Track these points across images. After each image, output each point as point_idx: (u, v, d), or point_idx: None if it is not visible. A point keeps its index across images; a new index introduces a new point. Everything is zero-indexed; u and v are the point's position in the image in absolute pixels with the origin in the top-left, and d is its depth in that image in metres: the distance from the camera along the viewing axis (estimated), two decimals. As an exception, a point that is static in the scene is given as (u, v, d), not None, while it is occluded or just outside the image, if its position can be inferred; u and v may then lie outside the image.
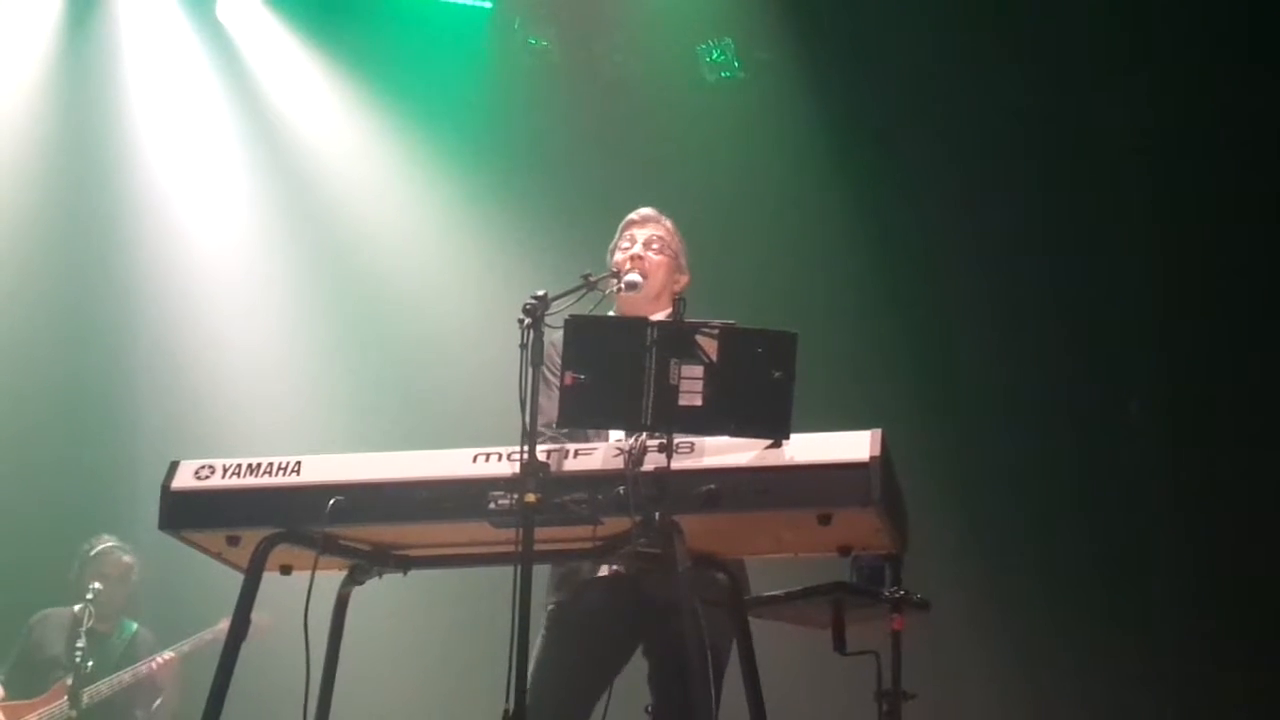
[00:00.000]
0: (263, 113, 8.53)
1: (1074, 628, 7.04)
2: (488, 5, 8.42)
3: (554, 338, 3.65)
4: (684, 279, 4.61)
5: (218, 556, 3.91)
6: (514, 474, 3.50)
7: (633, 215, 4.66)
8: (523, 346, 3.58)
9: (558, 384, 3.69)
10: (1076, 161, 7.45)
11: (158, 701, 7.16)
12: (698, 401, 3.46)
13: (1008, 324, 7.42)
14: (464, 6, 8.42)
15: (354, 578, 3.94)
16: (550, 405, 3.71)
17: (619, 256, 4.53)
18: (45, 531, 7.80)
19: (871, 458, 3.45)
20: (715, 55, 8.25)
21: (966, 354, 7.45)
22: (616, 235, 4.65)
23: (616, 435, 3.85)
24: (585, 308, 3.86)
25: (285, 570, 3.88)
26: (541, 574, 4.22)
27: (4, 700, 7.08)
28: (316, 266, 8.47)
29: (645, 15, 8.27)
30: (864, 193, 7.73)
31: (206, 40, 8.43)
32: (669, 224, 4.65)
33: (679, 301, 3.69)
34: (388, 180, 8.47)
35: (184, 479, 3.78)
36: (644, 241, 4.56)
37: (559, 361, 3.61)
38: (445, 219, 8.37)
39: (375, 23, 8.42)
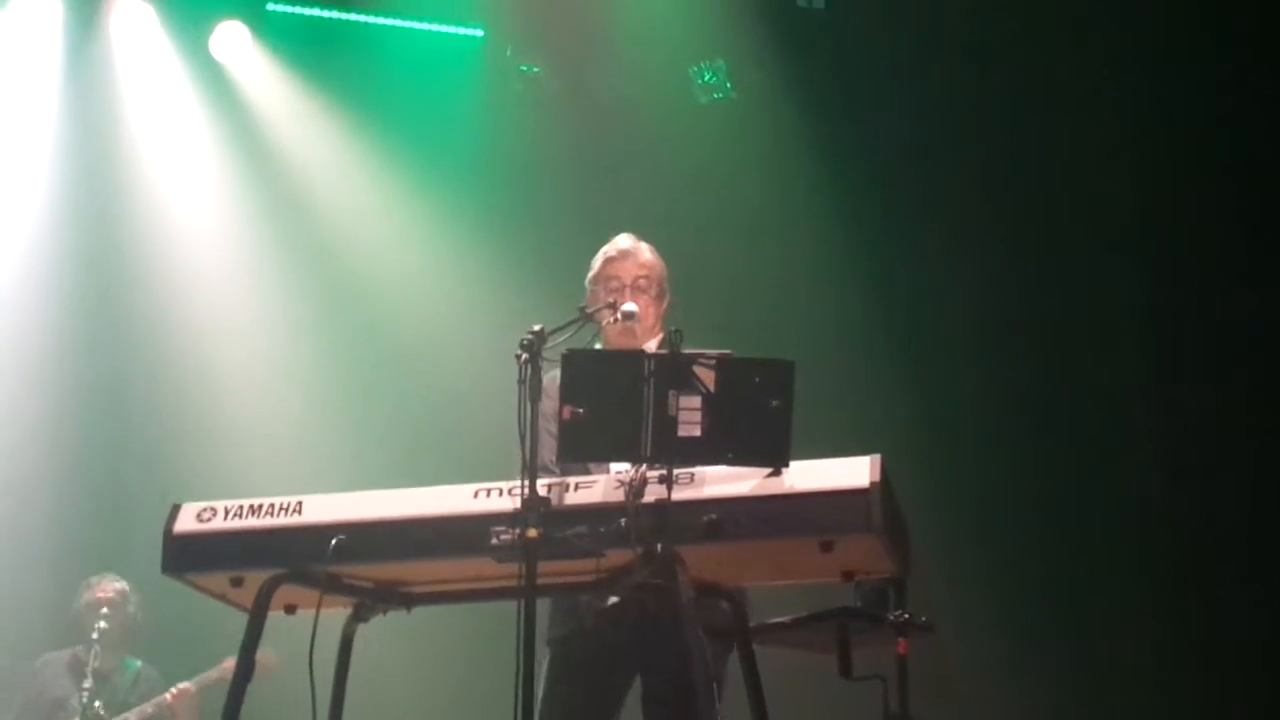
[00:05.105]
0: (258, 146, 8.52)
1: (1082, 648, 7.01)
2: (479, 33, 8.43)
3: (549, 380, 3.64)
4: (667, 300, 4.56)
5: (221, 598, 3.92)
6: (515, 509, 3.51)
7: (610, 251, 4.56)
8: (521, 382, 3.58)
9: (550, 428, 3.70)
10: (1069, 184, 7.43)
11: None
12: (697, 432, 3.47)
13: (1004, 346, 7.41)
14: (456, 35, 8.42)
15: (358, 616, 3.96)
16: (547, 448, 3.72)
17: (609, 298, 4.40)
18: (47, 574, 7.78)
19: (871, 483, 3.46)
20: (707, 77, 8.25)
21: (964, 376, 7.44)
22: (596, 269, 4.55)
23: (618, 467, 3.85)
24: (582, 340, 3.86)
25: (290, 610, 3.89)
26: (544, 605, 4.21)
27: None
28: (313, 300, 8.43)
29: (637, 37, 8.26)
30: (857, 214, 7.72)
31: (201, 75, 8.44)
32: (648, 255, 4.56)
33: (675, 334, 3.69)
34: (383, 210, 8.45)
35: (186, 522, 3.80)
36: (630, 284, 4.47)
37: (553, 408, 3.62)
38: (441, 248, 8.34)
39: (368, 53, 8.40)
